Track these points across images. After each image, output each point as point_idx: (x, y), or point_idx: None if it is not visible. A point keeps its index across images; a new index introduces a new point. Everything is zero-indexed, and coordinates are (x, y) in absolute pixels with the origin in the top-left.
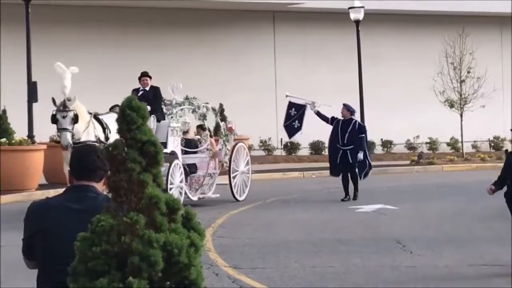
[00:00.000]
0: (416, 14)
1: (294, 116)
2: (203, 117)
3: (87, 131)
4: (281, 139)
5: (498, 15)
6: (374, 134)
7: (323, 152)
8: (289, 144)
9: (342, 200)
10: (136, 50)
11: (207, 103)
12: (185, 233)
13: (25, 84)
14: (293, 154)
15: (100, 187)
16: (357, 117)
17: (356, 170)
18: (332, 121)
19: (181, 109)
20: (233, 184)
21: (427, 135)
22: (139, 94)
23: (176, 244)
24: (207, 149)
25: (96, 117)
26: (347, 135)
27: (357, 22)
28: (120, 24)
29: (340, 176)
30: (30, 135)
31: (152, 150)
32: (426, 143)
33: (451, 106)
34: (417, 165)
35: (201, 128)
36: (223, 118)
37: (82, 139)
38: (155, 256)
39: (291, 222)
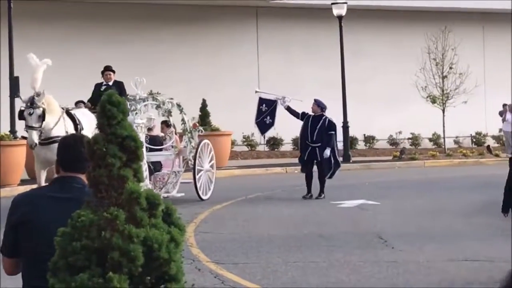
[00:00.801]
0: (399, 10)
1: (266, 112)
2: (168, 113)
3: (58, 126)
4: (264, 134)
5: (480, 11)
6: (356, 129)
7: None
8: (271, 140)
9: (304, 197)
10: (118, 46)
11: (171, 98)
12: (165, 228)
13: (7, 79)
14: (275, 149)
15: (85, 178)
16: (336, 113)
17: (324, 167)
18: (303, 116)
19: (145, 105)
20: (198, 183)
21: (409, 130)
22: (102, 89)
23: (157, 239)
24: (172, 147)
25: (68, 112)
26: (316, 131)
27: (340, 18)
28: (102, 19)
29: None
30: (12, 130)
31: (132, 145)
32: (409, 138)
33: (434, 101)
34: (399, 161)
35: (165, 124)
36: (206, 114)
37: (53, 135)
38: (135, 251)
39: (273, 217)
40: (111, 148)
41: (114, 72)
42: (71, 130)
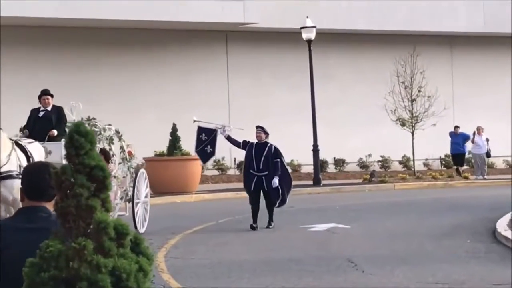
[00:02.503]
0: (367, 34)
1: (206, 141)
2: (110, 140)
3: (10, 160)
4: (235, 158)
5: (448, 34)
6: (326, 152)
7: None
8: (242, 163)
9: (251, 226)
10: (85, 71)
11: (109, 124)
12: (133, 258)
13: None
14: None
15: (51, 206)
16: (306, 136)
17: (272, 197)
18: (244, 145)
19: None
20: (135, 215)
21: (379, 153)
22: (40, 115)
23: (125, 269)
24: (114, 177)
25: (18, 144)
26: (262, 160)
27: (309, 41)
28: (74, 44)
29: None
30: None
31: (100, 175)
32: (378, 161)
33: (403, 124)
34: (369, 184)
35: (104, 153)
36: (176, 138)
37: (3, 169)
38: (103, 281)
39: (244, 242)
40: (79, 178)
41: (52, 96)
42: (24, 163)
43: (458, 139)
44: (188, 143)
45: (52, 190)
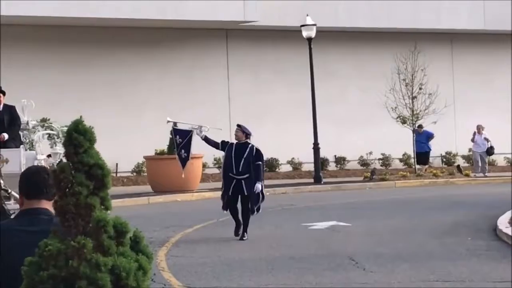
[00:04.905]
0: (368, 31)
1: (180, 144)
2: None
3: None
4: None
5: (449, 31)
6: (327, 150)
7: (276, 169)
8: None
9: (236, 234)
10: (86, 70)
11: (66, 126)
12: (133, 256)
13: None
14: None
15: (50, 206)
16: (307, 134)
17: (252, 203)
18: (223, 145)
19: (46, 135)
20: None
21: (380, 151)
22: None
23: (124, 268)
24: None
25: None
26: (242, 161)
27: (309, 39)
28: (73, 43)
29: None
30: None
31: (99, 173)
32: (379, 159)
33: (403, 122)
34: (370, 181)
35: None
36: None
37: None
38: (103, 280)
39: (245, 240)
40: (78, 176)
41: (4, 94)
42: None
43: (422, 137)
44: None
45: (51, 189)
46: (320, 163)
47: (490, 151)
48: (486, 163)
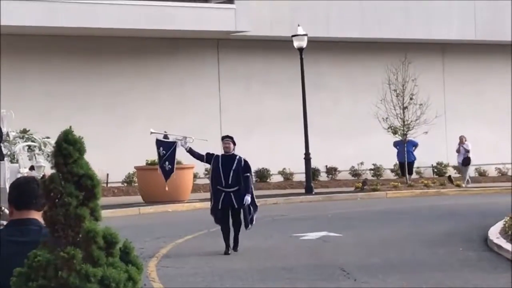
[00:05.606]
0: (359, 41)
1: (164, 156)
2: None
3: None
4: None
5: (440, 42)
6: (318, 161)
7: (268, 180)
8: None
9: (226, 253)
10: (79, 79)
11: (48, 137)
12: (123, 267)
13: None
14: None
15: (40, 217)
16: (298, 144)
17: (241, 216)
18: (209, 158)
19: (27, 147)
20: None
21: (371, 161)
22: None
23: (114, 278)
24: None
25: None
26: (231, 174)
27: (300, 50)
28: (63, 53)
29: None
30: None
31: (89, 184)
32: (370, 169)
33: (395, 132)
34: (361, 192)
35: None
36: None
37: None
38: None
39: (237, 252)
40: (68, 187)
41: None
42: None
43: (409, 146)
44: (179, 152)
45: (41, 199)
46: (311, 173)
47: (464, 161)
48: (466, 173)
